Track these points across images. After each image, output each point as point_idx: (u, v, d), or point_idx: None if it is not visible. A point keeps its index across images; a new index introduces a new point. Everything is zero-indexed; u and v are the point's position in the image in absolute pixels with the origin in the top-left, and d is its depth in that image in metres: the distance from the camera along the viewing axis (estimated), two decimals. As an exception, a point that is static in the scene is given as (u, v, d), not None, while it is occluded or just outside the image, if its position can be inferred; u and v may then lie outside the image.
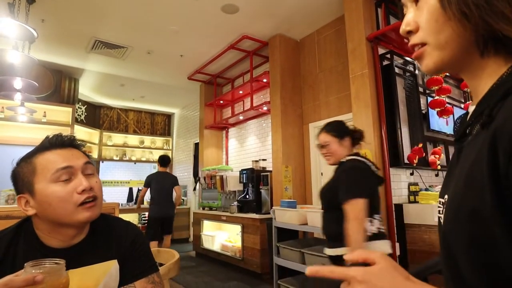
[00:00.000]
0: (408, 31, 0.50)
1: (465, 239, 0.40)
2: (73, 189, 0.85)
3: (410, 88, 3.51)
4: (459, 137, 0.50)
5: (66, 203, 0.84)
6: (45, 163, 0.86)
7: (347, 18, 3.52)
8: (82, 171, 0.89)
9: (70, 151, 0.91)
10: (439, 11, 0.45)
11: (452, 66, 0.48)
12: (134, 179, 8.51)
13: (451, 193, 0.46)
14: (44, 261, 0.70)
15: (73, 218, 0.85)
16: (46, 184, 0.84)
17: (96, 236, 0.96)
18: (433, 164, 3.44)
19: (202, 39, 4.73)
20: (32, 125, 5.46)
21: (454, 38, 0.45)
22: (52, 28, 4.34)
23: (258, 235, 4.13)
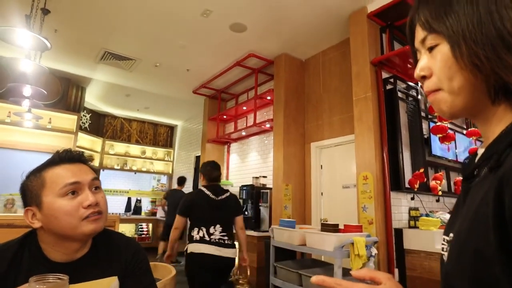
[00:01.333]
0: (422, 76, 0.52)
1: (467, 278, 0.41)
2: (79, 204, 0.87)
3: (413, 112, 3.55)
4: (466, 177, 0.51)
5: (71, 217, 0.85)
6: (54, 178, 0.88)
7: (352, 41, 3.60)
8: (89, 186, 0.91)
9: (78, 166, 0.93)
10: (452, 59, 0.47)
11: (465, 111, 0.50)
12: (133, 189, 8.49)
13: (455, 232, 0.47)
14: (48, 276, 0.70)
15: (78, 231, 0.86)
16: (54, 198, 0.86)
17: (97, 251, 0.96)
18: (434, 190, 3.44)
19: (209, 55, 4.82)
20: (37, 131, 5.51)
21: (466, 86, 0.47)
22: (64, 38, 4.44)
23: (255, 253, 4.09)
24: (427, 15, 0.50)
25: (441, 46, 0.49)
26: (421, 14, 0.51)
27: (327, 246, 2.58)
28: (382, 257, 2.97)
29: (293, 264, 3.04)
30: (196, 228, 2.53)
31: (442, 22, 0.48)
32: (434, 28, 0.49)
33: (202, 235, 2.51)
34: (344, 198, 3.91)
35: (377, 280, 0.46)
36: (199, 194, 2.65)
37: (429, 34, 0.50)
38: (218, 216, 2.58)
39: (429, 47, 0.51)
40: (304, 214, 4.34)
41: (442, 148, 3.69)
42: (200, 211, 2.57)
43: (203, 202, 2.60)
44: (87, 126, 7.29)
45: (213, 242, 2.50)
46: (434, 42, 0.50)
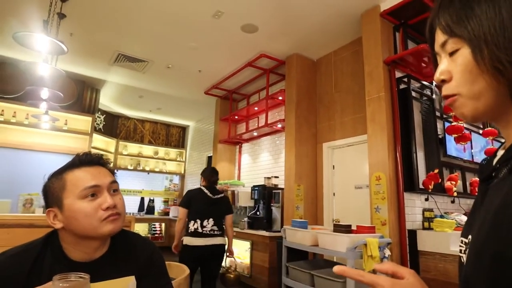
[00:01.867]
0: (442, 79, 0.52)
1: (486, 280, 0.41)
2: (98, 206, 0.90)
3: (427, 112, 3.49)
4: (484, 179, 0.51)
5: (91, 219, 0.88)
6: (75, 180, 0.91)
7: (365, 41, 3.57)
8: (108, 189, 0.94)
9: (98, 169, 0.96)
10: (472, 63, 0.47)
11: (487, 115, 0.49)
12: (146, 189, 8.61)
13: (474, 234, 0.47)
14: (70, 275, 0.73)
15: (97, 231, 0.89)
16: (74, 200, 0.89)
17: (116, 251, 0.99)
18: (449, 191, 3.38)
19: (220, 56, 4.85)
20: (53, 132, 5.64)
21: (487, 90, 0.46)
22: (79, 42, 4.54)
23: (267, 253, 4.10)
24: (447, 19, 0.50)
25: (462, 50, 0.48)
26: (442, 18, 0.51)
27: (340, 247, 2.57)
28: (395, 258, 2.94)
29: (305, 265, 3.04)
30: (193, 220, 2.98)
31: (464, 26, 0.47)
32: (455, 32, 0.49)
33: (196, 227, 2.95)
34: (357, 198, 3.88)
35: (399, 275, 0.46)
36: (198, 192, 3.11)
37: (450, 38, 0.50)
38: (212, 211, 3.02)
39: (450, 51, 0.50)
40: (316, 215, 4.32)
41: (457, 148, 3.62)
42: (197, 206, 3.02)
43: (201, 198, 3.05)
44: (102, 127, 7.43)
45: (205, 234, 2.94)
46: (455, 46, 0.49)
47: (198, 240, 2.91)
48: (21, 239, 0.96)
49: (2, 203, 3.85)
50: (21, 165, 5.30)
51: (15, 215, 1.88)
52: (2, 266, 0.85)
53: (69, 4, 3.57)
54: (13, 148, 5.34)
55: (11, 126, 5.35)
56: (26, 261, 0.88)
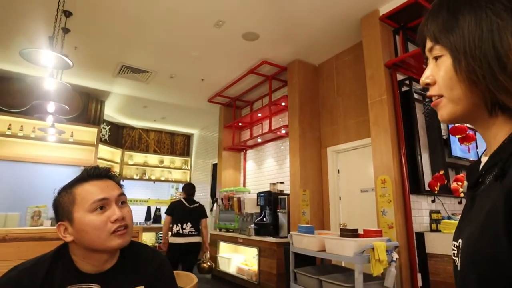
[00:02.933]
0: (426, 83, 0.56)
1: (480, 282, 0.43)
2: (107, 218, 0.92)
3: (430, 113, 3.49)
4: (471, 186, 0.53)
5: (100, 231, 0.91)
6: (84, 194, 0.94)
7: (365, 45, 3.59)
8: (116, 201, 0.96)
9: (106, 182, 0.99)
10: (453, 72, 0.50)
11: (465, 119, 0.53)
12: (152, 198, 8.64)
13: (465, 239, 0.49)
14: (81, 286, 0.75)
15: (106, 245, 0.91)
16: (84, 213, 0.91)
17: (125, 262, 1.01)
18: (455, 192, 3.36)
19: (222, 64, 4.91)
20: (60, 145, 5.72)
21: (465, 97, 0.50)
22: (83, 55, 4.63)
23: (275, 259, 4.09)
24: (435, 27, 0.53)
25: (445, 57, 0.52)
26: (430, 25, 0.55)
27: (347, 252, 2.56)
28: (404, 261, 2.92)
29: (313, 270, 3.03)
30: (175, 224, 3.87)
31: (447, 36, 0.51)
32: (439, 40, 0.52)
33: (178, 230, 3.84)
34: (363, 202, 3.87)
35: None
36: (179, 203, 4.02)
37: (436, 45, 0.53)
38: (189, 217, 3.92)
39: (435, 56, 0.54)
40: (323, 219, 4.31)
41: (462, 149, 3.60)
42: (178, 213, 3.92)
43: (181, 208, 3.95)
44: (107, 138, 7.51)
45: (184, 234, 3.83)
46: (440, 53, 0.53)
47: (179, 239, 3.80)
48: (32, 253, 0.98)
49: (11, 216, 3.90)
50: (28, 178, 5.36)
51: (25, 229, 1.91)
52: (14, 280, 0.87)
53: (73, 19, 3.65)
54: (20, 162, 5.42)
55: (19, 139, 5.44)
56: (38, 274, 0.90)
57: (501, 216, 0.41)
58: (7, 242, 1.76)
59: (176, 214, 3.94)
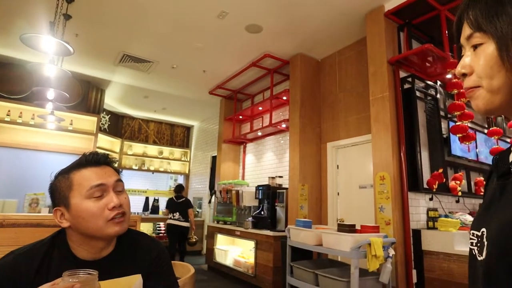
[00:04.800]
0: (463, 73, 0.53)
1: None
2: (104, 205, 0.91)
3: (431, 112, 3.48)
4: (502, 175, 0.52)
5: (97, 218, 0.90)
6: (81, 180, 0.92)
7: (369, 41, 3.56)
8: (113, 188, 0.95)
9: (104, 169, 0.97)
10: (495, 59, 0.48)
11: (502, 109, 0.51)
12: (151, 189, 8.66)
13: (496, 228, 0.47)
14: (79, 271, 0.75)
15: (103, 232, 0.91)
16: (81, 199, 0.90)
17: (122, 250, 1.01)
18: (453, 190, 3.37)
19: (225, 56, 4.87)
20: (59, 132, 5.70)
21: (506, 86, 0.48)
22: (84, 42, 4.59)
23: (271, 253, 4.11)
24: (477, 13, 0.51)
25: (486, 45, 0.50)
26: (471, 12, 0.52)
27: (344, 247, 2.58)
28: (400, 258, 2.93)
29: (310, 264, 3.05)
30: (170, 213, 5.63)
31: (492, 23, 0.48)
32: (482, 27, 0.50)
33: (172, 216, 5.60)
34: (361, 198, 3.88)
35: None
36: (171, 199, 5.83)
37: (476, 32, 0.51)
38: (178, 208, 5.62)
39: (474, 44, 0.52)
40: (320, 214, 4.33)
41: (462, 148, 3.60)
42: (171, 206, 5.69)
43: (172, 203, 5.73)
44: (106, 127, 7.49)
45: (176, 219, 5.56)
46: (480, 41, 0.50)
47: (173, 221, 5.57)
48: (29, 238, 0.98)
49: (9, 203, 3.91)
50: (27, 165, 5.36)
51: (23, 215, 1.91)
52: (11, 264, 0.87)
53: (75, 5, 3.61)
54: (19, 148, 5.40)
55: (18, 126, 5.42)
56: (34, 259, 0.89)
57: None
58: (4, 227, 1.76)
59: (169, 207, 5.75)
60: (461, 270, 2.62)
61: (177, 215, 5.57)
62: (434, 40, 3.70)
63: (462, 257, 2.64)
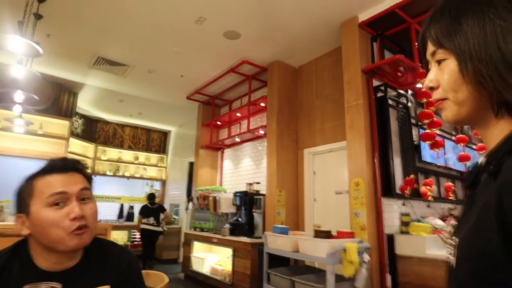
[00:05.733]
0: (430, 87, 0.57)
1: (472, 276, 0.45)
2: (65, 215, 0.86)
3: (403, 119, 3.61)
4: (470, 184, 0.54)
5: (57, 229, 0.84)
6: (42, 187, 0.87)
7: (344, 50, 3.66)
8: (77, 197, 0.89)
9: (71, 176, 0.92)
10: (457, 74, 0.51)
11: (469, 120, 0.54)
12: (125, 195, 8.40)
13: (462, 235, 0.50)
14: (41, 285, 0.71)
15: (62, 244, 0.85)
16: (41, 207, 0.85)
17: (89, 260, 0.96)
18: (424, 195, 3.48)
19: (203, 61, 4.85)
20: (28, 137, 5.44)
21: (470, 98, 0.51)
22: (56, 43, 4.43)
23: (249, 260, 4.08)
24: (437, 32, 0.54)
25: (448, 61, 0.53)
26: (432, 30, 0.55)
27: (320, 253, 2.60)
28: (374, 263, 2.99)
29: (286, 271, 3.05)
30: (145, 218, 6.18)
31: (451, 40, 0.52)
32: (443, 44, 0.53)
33: (146, 221, 6.16)
34: (337, 204, 3.93)
35: None
36: (145, 206, 6.42)
37: (439, 49, 0.54)
38: (152, 214, 6.23)
39: (438, 60, 0.55)
40: (298, 220, 4.35)
41: (432, 154, 3.75)
42: (145, 212, 6.27)
43: (146, 209, 6.33)
44: (79, 132, 7.23)
45: (150, 224, 6.15)
46: (443, 56, 0.54)
47: (146, 226, 6.15)
48: (-10, 249, 0.92)
49: (-30, 211, 3.66)
50: (-8, 171, 5.06)
51: (-17, 224, 1.79)
52: None
53: (47, 5, 3.48)
54: (-17, 153, 5.11)
55: (-18, 130, 5.13)
56: None
57: (493, 211, 0.42)
58: (-38, 238, 1.64)
59: (144, 212, 6.33)
60: (433, 274, 2.70)
61: (152, 219, 6.21)
62: (405, 51, 3.86)
63: (434, 260, 2.72)
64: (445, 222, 3.45)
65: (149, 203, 6.42)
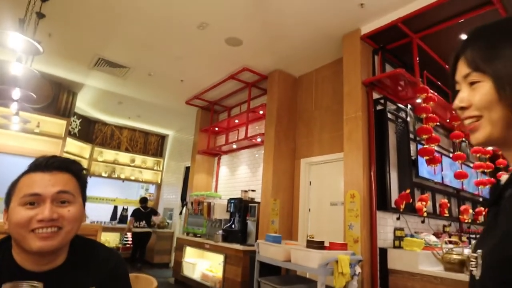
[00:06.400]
0: (461, 107, 0.58)
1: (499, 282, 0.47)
2: (35, 215, 0.82)
3: (401, 134, 3.61)
4: (493, 202, 0.57)
5: (21, 228, 0.81)
6: (22, 185, 0.86)
7: (345, 61, 3.68)
8: (54, 199, 0.86)
9: (54, 175, 0.89)
10: (493, 96, 0.53)
11: (497, 141, 0.56)
12: (120, 197, 8.34)
13: (490, 245, 0.51)
14: (21, 284, 0.69)
15: (27, 245, 0.82)
16: (15, 204, 0.84)
17: (76, 261, 0.94)
18: (419, 211, 3.47)
19: (203, 67, 4.86)
20: (24, 135, 5.41)
21: (503, 118, 0.53)
22: (58, 43, 4.44)
23: (240, 267, 4.03)
24: (475, 55, 0.56)
25: (484, 83, 0.55)
26: (469, 53, 0.57)
27: (312, 263, 2.57)
28: (366, 276, 2.96)
29: (278, 280, 3.01)
30: (136, 222, 6.57)
31: (489, 64, 0.54)
32: (481, 68, 0.55)
33: (137, 224, 6.56)
34: (332, 215, 3.91)
35: None
36: (138, 209, 6.81)
37: (474, 72, 0.56)
38: (144, 218, 6.67)
39: (471, 82, 0.57)
40: (291, 230, 4.32)
41: (429, 170, 3.75)
42: (137, 215, 6.67)
43: (139, 213, 6.73)
44: (76, 132, 7.20)
45: (141, 227, 6.55)
46: (477, 79, 0.56)
47: (138, 229, 6.56)
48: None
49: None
50: (-14, 167, 5.01)
51: (-30, 220, 1.76)
52: None
53: (50, 4, 3.49)
54: (-22, 149, 5.07)
55: (-22, 125, 5.10)
56: None
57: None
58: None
59: (136, 216, 6.70)
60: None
61: (143, 223, 6.65)
62: (406, 65, 3.88)
63: (425, 276, 2.69)
64: (439, 238, 3.43)
65: (142, 207, 6.83)
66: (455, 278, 2.51)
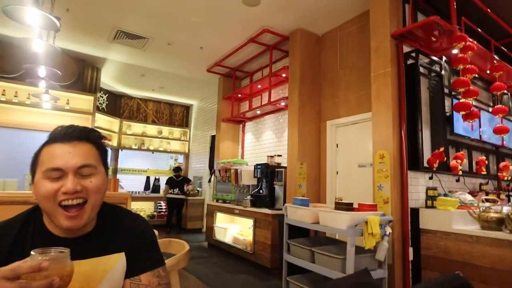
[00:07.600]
0: None
1: None
2: (59, 187, 0.84)
3: (435, 89, 3.37)
4: None
5: (48, 201, 0.83)
6: (44, 158, 0.87)
7: (372, 13, 3.40)
8: (76, 172, 0.86)
9: (74, 146, 0.88)
10: None
11: None
12: (151, 168, 8.67)
13: None
14: (50, 249, 0.71)
15: (55, 219, 0.85)
16: (39, 177, 0.85)
17: (103, 228, 0.96)
18: (454, 169, 3.31)
19: (222, 32, 4.71)
20: (56, 112, 5.63)
21: None
22: (76, 18, 4.43)
23: (269, 231, 4.13)
24: None
25: None
26: None
27: (340, 225, 2.55)
28: (397, 236, 2.92)
29: (306, 242, 3.05)
30: (171, 189, 7.10)
31: None
32: None
33: (172, 191, 7.08)
34: (360, 177, 3.84)
35: None
36: (171, 178, 7.30)
37: None
38: (177, 185, 7.13)
39: None
40: (319, 193, 4.31)
41: (465, 126, 3.52)
42: (171, 183, 7.19)
43: (172, 181, 7.22)
44: (104, 107, 7.40)
45: (175, 193, 7.07)
46: None
47: (172, 195, 7.06)
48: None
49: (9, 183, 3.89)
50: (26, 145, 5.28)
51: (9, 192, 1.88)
52: None
53: (64, -23, 3.45)
54: (17, 128, 5.36)
55: (14, 106, 5.35)
56: (8, 236, 0.86)
57: None
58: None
59: (170, 183, 7.21)
60: (458, 248, 2.60)
61: (177, 190, 7.13)
62: (441, 12, 3.53)
63: (460, 235, 2.61)
64: (475, 197, 3.29)
65: (175, 176, 7.31)
66: (492, 237, 2.41)
